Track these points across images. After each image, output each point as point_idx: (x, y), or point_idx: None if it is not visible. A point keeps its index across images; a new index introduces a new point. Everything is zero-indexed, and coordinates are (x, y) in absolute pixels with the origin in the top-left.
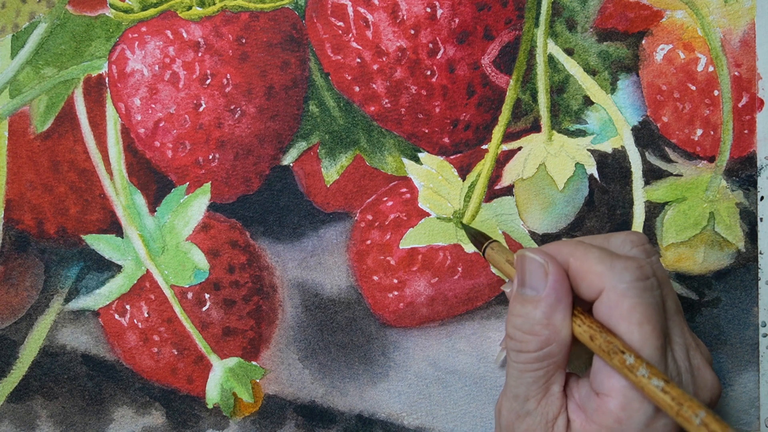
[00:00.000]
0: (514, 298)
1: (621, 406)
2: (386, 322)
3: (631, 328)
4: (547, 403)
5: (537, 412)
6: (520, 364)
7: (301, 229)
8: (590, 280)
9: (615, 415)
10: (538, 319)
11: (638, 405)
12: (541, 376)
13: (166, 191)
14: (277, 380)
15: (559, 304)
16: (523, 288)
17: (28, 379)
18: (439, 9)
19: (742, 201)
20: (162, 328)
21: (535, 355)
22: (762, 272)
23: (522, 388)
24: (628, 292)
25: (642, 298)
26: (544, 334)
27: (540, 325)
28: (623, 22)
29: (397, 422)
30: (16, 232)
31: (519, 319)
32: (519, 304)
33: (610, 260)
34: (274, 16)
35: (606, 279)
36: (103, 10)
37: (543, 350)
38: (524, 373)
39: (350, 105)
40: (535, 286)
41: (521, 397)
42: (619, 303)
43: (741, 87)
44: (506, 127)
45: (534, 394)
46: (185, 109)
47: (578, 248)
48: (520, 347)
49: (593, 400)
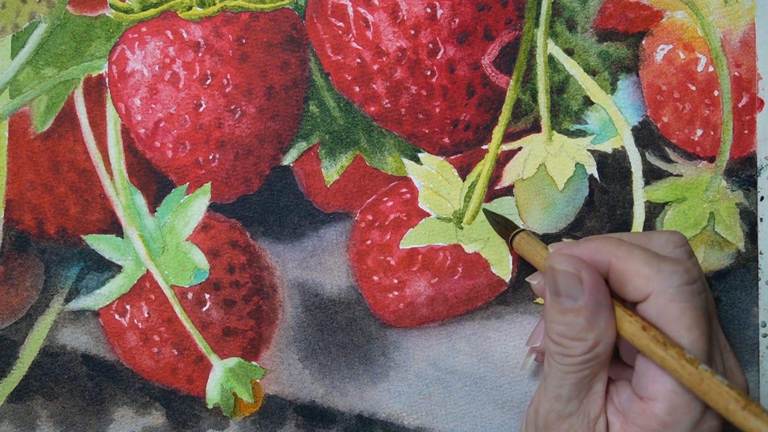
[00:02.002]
0: (552, 307)
1: (668, 410)
2: (386, 322)
3: (681, 333)
4: (589, 402)
5: (579, 412)
6: (566, 366)
7: (301, 229)
8: (636, 283)
9: (661, 419)
10: (582, 325)
11: (685, 409)
12: (586, 376)
13: (166, 191)
14: (277, 380)
15: (600, 308)
16: (558, 297)
17: (28, 379)
18: (439, 9)
19: (742, 201)
20: (162, 328)
21: (580, 358)
22: (762, 272)
23: (565, 389)
24: (677, 297)
25: (691, 303)
26: (591, 338)
27: (585, 331)
28: (623, 22)
29: (397, 422)
30: (16, 232)
31: (561, 327)
32: (558, 313)
33: (657, 263)
34: (274, 16)
35: (654, 283)
36: (103, 11)
37: (589, 354)
38: (569, 375)
39: (350, 105)
40: (571, 294)
41: (564, 397)
42: (668, 307)
43: (741, 87)
44: (506, 128)
45: (577, 394)
46: (185, 109)
47: (621, 248)
48: (566, 352)
49: (636, 404)
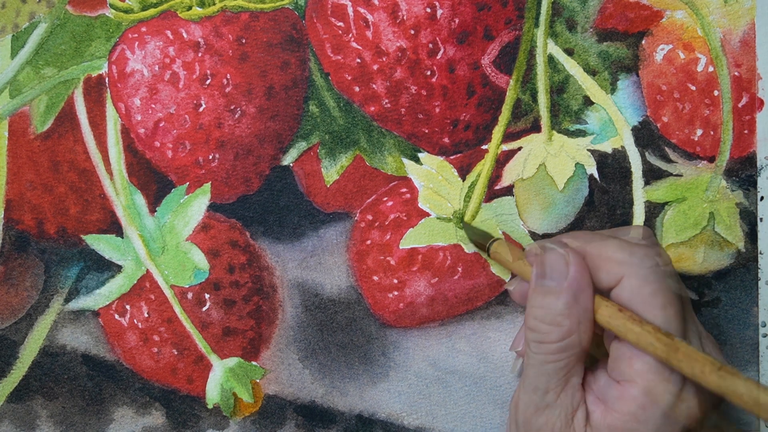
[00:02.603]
0: (534, 290)
1: (644, 390)
2: (386, 322)
3: (654, 312)
4: (566, 395)
5: (557, 404)
6: (542, 355)
7: (301, 229)
8: (609, 267)
9: (639, 400)
10: (559, 309)
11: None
12: (562, 368)
13: (166, 191)
14: (277, 380)
15: (581, 293)
16: (543, 279)
17: (28, 379)
18: (439, 9)
19: (742, 201)
20: (162, 328)
21: (556, 345)
22: (762, 272)
23: (542, 380)
24: (649, 277)
25: (664, 283)
26: (566, 325)
27: (562, 315)
28: (623, 22)
29: (397, 422)
30: (16, 232)
31: (540, 311)
32: (540, 295)
33: (630, 248)
34: (274, 16)
35: (626, 265)
36: (103, 10)
37: (565, 341)
38: (545, 365)
39: (350, 105)
40: (556, 277)
41: (541, 389)
42: (642, 288)
43: (741, 87)
44: (506, 127)
45: (554, 386)
46: (185, 109)
47: (594, 238)
48: (541, 338)
49: (613, 389)
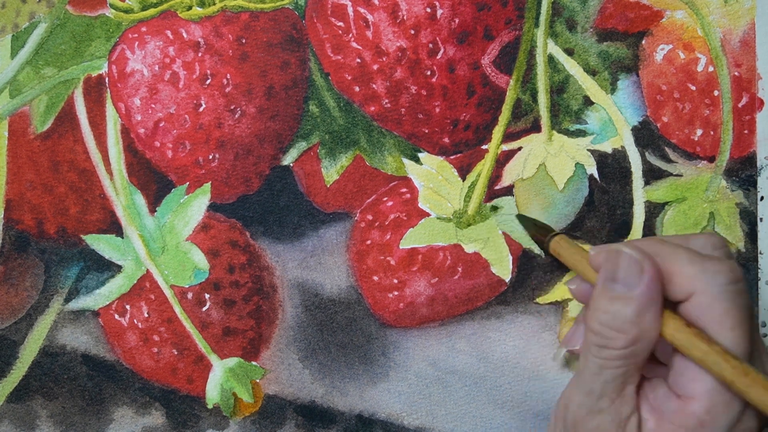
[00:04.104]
0: (601, 294)
1: (706, 408)
2: (386, 322)
3: (723, 333)
4: (621, 402)
5: (610, 410)
6: (602, 359)
7: (301, 229)
8: (680, 282)
9: (699, 417)
10: (628, 317)
11: (724, 408)
12: (620, 375)
13: (166, 191)
14: (277, 380)
15: (651, 303)
16: (613, 283)
17: (28, 379)
18: (439, 9)
19: (742, 201)
20: (162, 328)
21: (619, 352)
22: (762, 272)
23: (598, 384)
24: (720, 296)
25: (735, 302)
26: (633, 333)
27: (630, 323)
28: (623, 22)
29: (397, 422)
30: (16, 232)
31: (606, 316)
32: (607, 300)
33: (701, 262)
34: (274, 16)
35: (698, 281)
36: (103, 10)
37: (629, 348)
38: (604, 370)
39: (350, 105)
40: (628, 283)
41: (596, 393)
42: (712, 307)
43: (741, 87)
44: (506, 127)
45: (610, 391)
46: (185, 109)
47: (664, 248)
48: (605, 343)
49: (672, 402)
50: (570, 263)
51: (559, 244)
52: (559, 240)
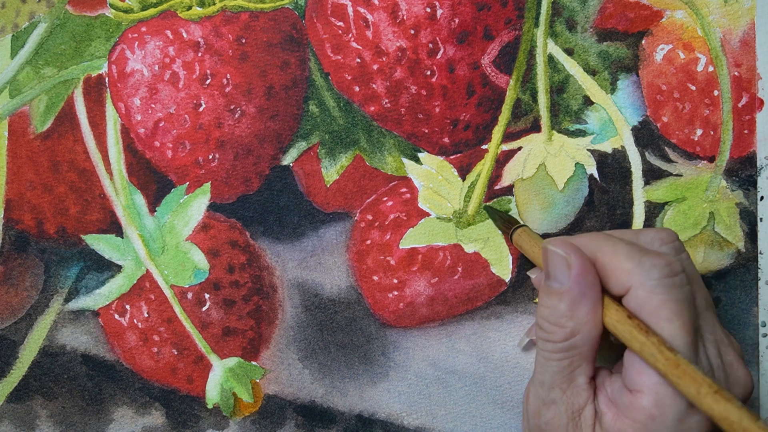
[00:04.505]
0: (542, 289)
1: (654, 402)
2: (386, 322)
3: (660, 324)
4: (572, 393)
5: (562, 401)
6: (546, 352)
7: (301, 229)
8: (618, 276)
9: (648, 411)
10: (562, 311)
11: (671, 401)
12: (566, 366)
13: (165, 191)
14: (277, 380)
15: (582, 297)
16: (549, 280)
17: (28, 379)
18: (439, 9)
19: (742, 201)
20: (162, 328)
21: (559, 345)
22: (762, 272)
23: (547, 376)
24: (656, 289)
25: (671, 295)
26: (569, 326)
27: (564, 317)
28: (623, 22)
29: (397, 422)
30: (16, 232)
31: (546, 310)
32: (546, 295)
33: (639, 256)
34: (274, 16)
35: (634, 276)
36: (103, 10)
37: (567, 341)
38: (549, 362)
39: (350, 105)
40: (559, 278)
41: (546, 384)
42: (648, 300)
43: (741, 87)
44: (506, 127)
45: (558, 383)
46: (185, 109)
47: (607, 243)
48: (546, 336)
49: (625, 396)
50: (529, 255)
51: (521, 237)
52: (521, 233)
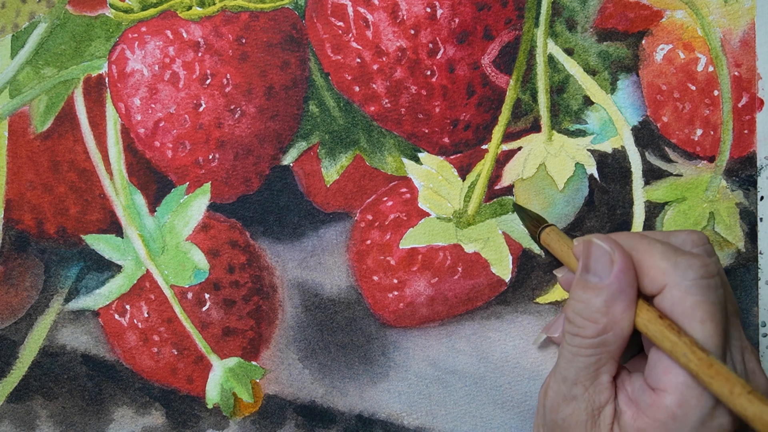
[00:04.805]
0: (577, 283)
1: (678, 402)
2: (386, 322)
3: (693, 326)
4: (595, 390)
5: (583, 398)
6: (574, 347)
7: (301, 229)
8: (653, 275)
9: (671, 410)
10: (598, 306)
11: (695, 402)
12: (593, 363)
13: (166, 191)
14: (277, 380)
15: (621, 294)
16: (586, 274)
17: (28, 379)
18: (439, 9)
19: (742, 201)
20: (162, 328)
21: (590, 341)
22: (762, 272)
23: (572, 372)
24: (691, 290)
25: (706, 296)
26: (602, 322)
27: (599, 313)
28: (623, 22)
29: (397, 422)
30: (16, 232)
31: (579, 305)
32: (581, 289)
33: (675, 256)
34: (274, 16)
35: (670, 275)
36: (103, 10)
37: (599, 338)
38: (576, 357)
39: (350, 105)
40: (599, 273)
41: (570, 380)
42: (683, 300)
43: (741, 87)
44: (506, 127)
45: (583, 379)
46: (185, 109)
47: (642, 242)
48: (577, 331)
49: (647, 395)
50: (558, 254)
51: (549, 236)
52: (550, 231)
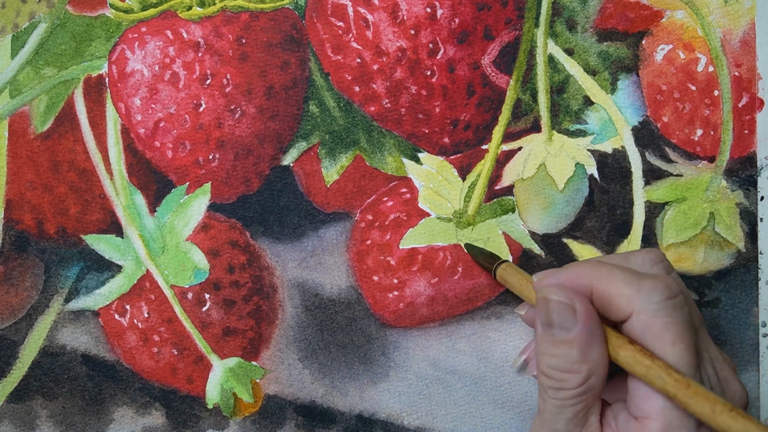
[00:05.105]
0: (543, 339)
1: (662, 427)
2: (386, 322)
3: (665, 348)
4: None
5: None
6: (560, 400)
7: (301, 229)
8: (618, 303)
9: None
10: (575, 357)
11: (679, 423)
12: (581, 410)
13: (166, 191)
14: (277, 380)
15: (593, 338)
16: (551, 329)
17: (28, 379)
18: (439, 9)
19: (742, 201)
20: (162, 328)
21: (575, 391)
22: (762, 272)
23: (561, 424)
24: (658, 313)
25: (673, 317)
26: (584, 371)
27: (578, 363)
28: (623, 22)
29: (397, 422)
30: (16, 232)
31: (554, 360)
32: (551, 345)
33: (638, 282)
34: (274, 16)
35: (635, 301)
36: (103, 10)
37: (584, 386)
38: (564, 409)
39: (350, 105)
40: (564, 325)
41: (560, 431)
42: (651, 324)
43: (741, 87)
44: (506, 127)
45: (573, 427)
46: (185, 109)
47: (601, 270)
48: (560, 385)
49: (632, 425)
50: (516, 289)
51: (506, 272)
52: (506, 267)
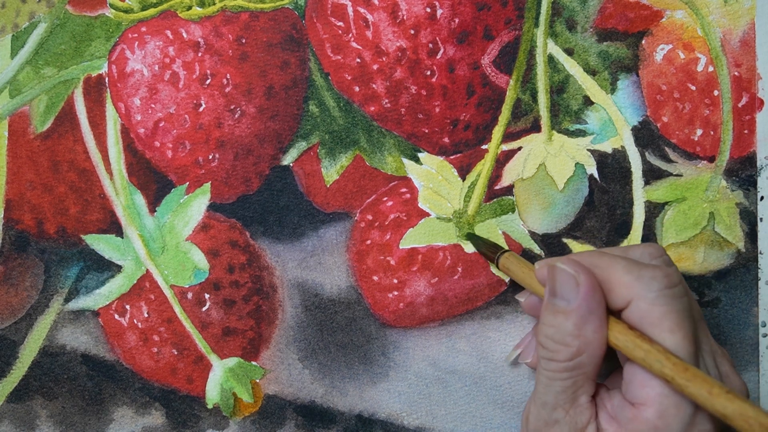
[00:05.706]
0: (545, 308)
1: (658, 413)
2: (386, 322)
3: (663, 336)
4: (575, 412)
5: (565, 420)
6: (550, 372)
7: (301, 229)
8: (618, 290)
9: (652, 423)
10: (569, 330)
11: (675, 410)
12: (570, 386)
13: (166, 191)
14: (277, 380)
15: (590, 315)
16: (554, 298)
17: (28, 379)
18: (439, 9)
19: (742, 201)
20: (162, 328)
21: (564, 365)
22: (762, 272)
23: (550, 396)
24: (657, 300)
25: (672, 306)
26: (575, 345)
27: (571, 336)
28: (623, 22)
29: (397, 422)
30: (16, 232)
31: (550, 329)
32: (550, 314)
33: (638, 270)
34: (274, 16)
35: (634, 288)
36: (103, 10)
37: (573, 360)
38: (553, 382)
39: (350, 105)
40: (566, 296)
41: (549, 405)
42: (650, 312)
43: (741, 87)
44: (506, 127)
45: (562, 403)
46: (185, 109)
47: (602, 259)
48: (550, 356)
49: (627, 410)
50: (519, 278)
51: (509, 260)
52: (509, 256)
